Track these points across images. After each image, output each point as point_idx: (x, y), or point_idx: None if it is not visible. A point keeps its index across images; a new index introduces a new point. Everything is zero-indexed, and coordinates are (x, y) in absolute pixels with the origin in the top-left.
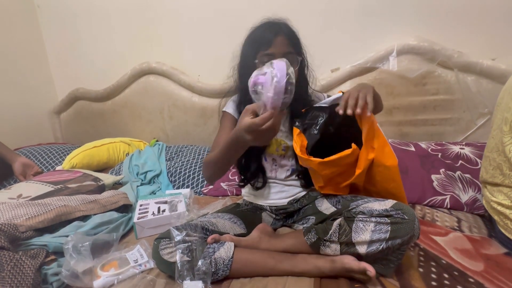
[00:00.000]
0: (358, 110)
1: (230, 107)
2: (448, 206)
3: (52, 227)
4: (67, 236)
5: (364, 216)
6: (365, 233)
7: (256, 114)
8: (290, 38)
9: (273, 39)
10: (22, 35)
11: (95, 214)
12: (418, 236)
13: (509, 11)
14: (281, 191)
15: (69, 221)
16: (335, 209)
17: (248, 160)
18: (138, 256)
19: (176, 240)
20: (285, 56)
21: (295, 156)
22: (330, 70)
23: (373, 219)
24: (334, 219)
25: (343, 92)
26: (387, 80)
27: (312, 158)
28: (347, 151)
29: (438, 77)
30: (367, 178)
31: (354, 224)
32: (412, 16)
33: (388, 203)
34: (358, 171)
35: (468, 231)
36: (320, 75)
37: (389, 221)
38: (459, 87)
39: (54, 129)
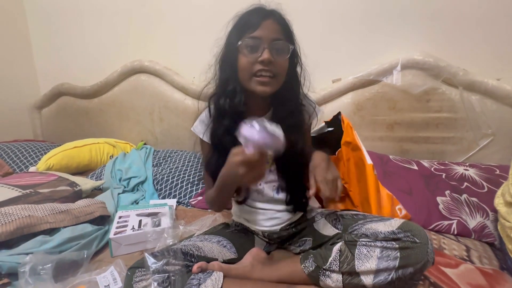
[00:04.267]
0: (337, 199)
1: (200, 132)
2: (455, 232)
3: (11, 242)
4: (27, 253)
5: (368, 239)
6: (371, 261)
7: None
8: (281, 24)
9: (261, 22)
10: (6, 23)
11: (65, 227)
12: (433, 262)
13: None
14: (272, 218)
15: (33, 235)
16: (335, 229)
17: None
18: (110, 280)
19: (151, 269)
20: (273, 43)
21: (280, 170)
22: (332, 81)
23: (379, 243)
24: (334, 243)
25: (326, 122)
26: (389, 94)
27: None
28: None
29: (442, 94)
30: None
31: (357, 250)
32: (418, 30)
33: (394, 223)
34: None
35: (479, 262)
36: (321, 85)
37: (397, 246)
38: (463, 106)
39: (34, 125)
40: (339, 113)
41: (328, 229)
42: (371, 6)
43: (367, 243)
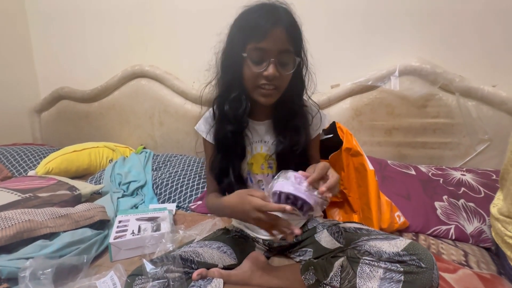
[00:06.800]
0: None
1: (204, 131)
2: (453, 237)
3: (10, 246)
4: (27, 258)
5: (371, 258)
6: (373, 281)
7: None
8: (290, 31)
9: (269, 31)
10: (6, 26)
11: (65, 231)
12: (437, 286)
13: (511, 39)
14: None
15: (33, 239)
16: (336, 242)
17: (230, 188)
18: (110, 285)
19: (150, 275)
20: (280, 56)
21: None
22: (330, 86)
23: (382, 264)
24: (335, 256)
25: (323, 130)
26: (387, 100)
27: None
28: None
29: (439, 100)
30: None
31: (359, 268)
32: (415, 37)
33: (400, 244)
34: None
35: (476, 267)
36: (320, 90)
37: (402, 269)
38: (459, 112)
39: (33, 128)
40: (334, 122)
41: (329, 242)
42: (369, 13)
43: (370, 262)
